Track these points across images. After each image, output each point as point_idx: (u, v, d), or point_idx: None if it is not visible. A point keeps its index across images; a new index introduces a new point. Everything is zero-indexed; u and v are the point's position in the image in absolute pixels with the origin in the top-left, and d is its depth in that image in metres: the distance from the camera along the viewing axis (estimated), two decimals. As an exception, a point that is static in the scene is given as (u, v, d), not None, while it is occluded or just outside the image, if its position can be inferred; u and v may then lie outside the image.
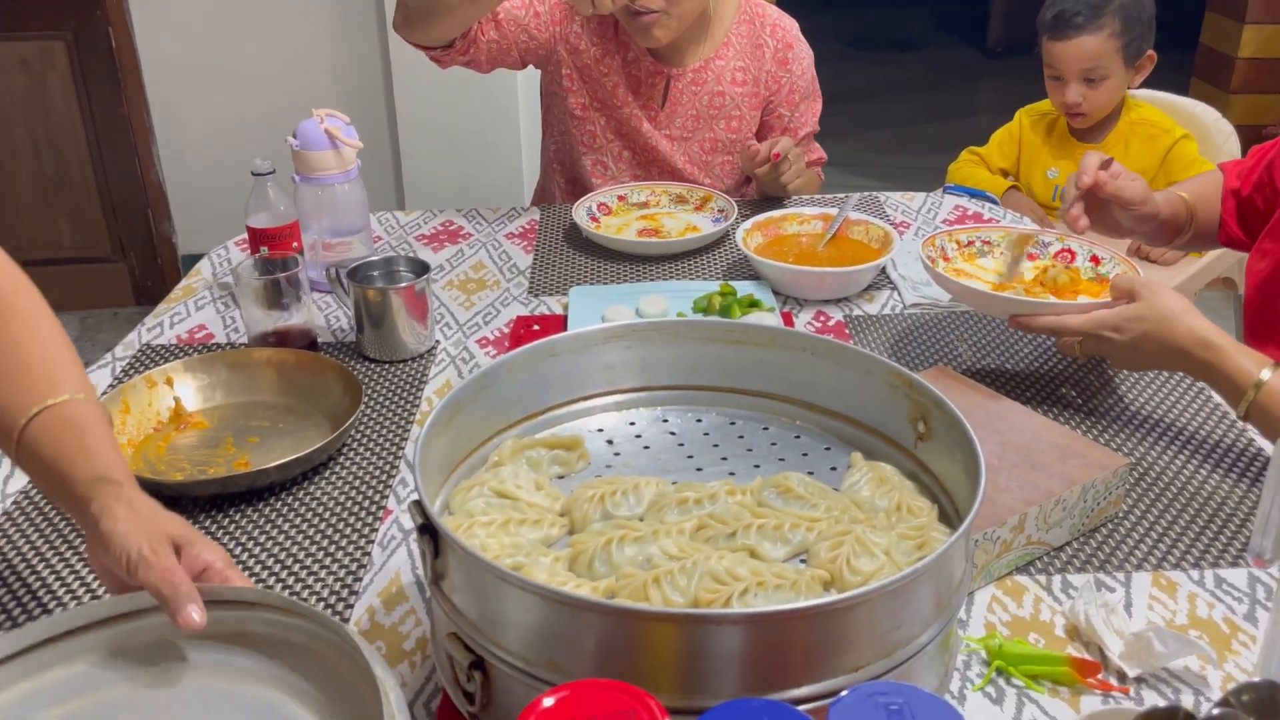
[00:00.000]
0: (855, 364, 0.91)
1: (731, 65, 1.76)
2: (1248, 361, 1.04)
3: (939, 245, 1.30)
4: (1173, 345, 1.06)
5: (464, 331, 1.37)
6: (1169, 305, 1.07)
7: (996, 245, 1.32)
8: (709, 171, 1.81)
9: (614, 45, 1.73)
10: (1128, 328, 1.08)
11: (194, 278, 1.55)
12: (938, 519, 0.82)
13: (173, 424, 1.14)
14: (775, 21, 1.78)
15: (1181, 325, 1.06)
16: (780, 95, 1.79)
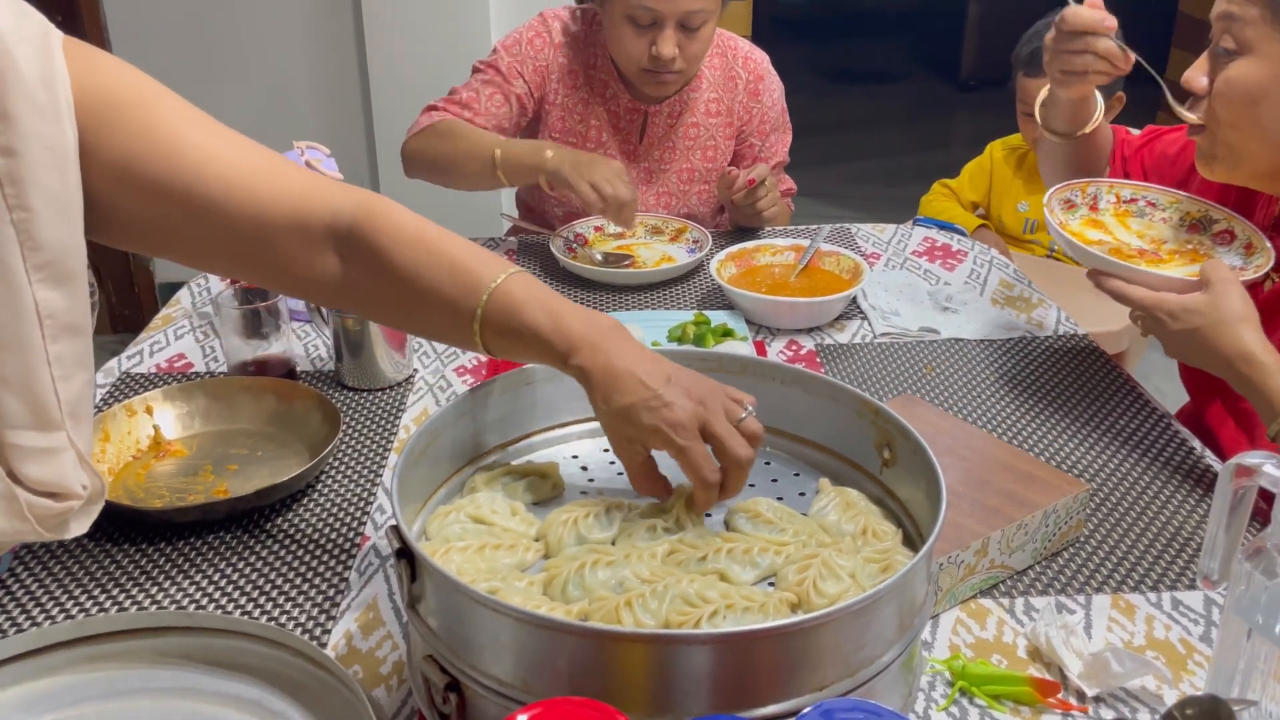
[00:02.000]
0: (823, 392, 0.94)
1: (705, 97, 1.81)
2: None
3: (1091, 193, 1.27)
4: (1218, 350, 1.05)
5: (442, 360, 1.39)
6: (1230, 308, 1.04)
7: (1160, 208, 1.27)
8: (685, 201, 1.85)
9: (589, 92, 1.79)
10: (1183, 318, 1.06)
11: (173, 307, 1.56)
12: (902, 543, 0.84)
13: (152, 452, 1.15)
14: (747, 54, 1.84)
15: (1232, 333, 1.04)
16: (752, 125, 1.84)
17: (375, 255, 0.87)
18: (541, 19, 1.78)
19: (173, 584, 0.96)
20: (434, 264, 0.87)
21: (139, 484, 1.10)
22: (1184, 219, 1.26)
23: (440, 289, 0.87)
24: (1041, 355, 1.40)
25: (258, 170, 0.86)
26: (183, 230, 0.86)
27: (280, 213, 0.86)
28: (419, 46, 2.83)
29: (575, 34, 1.78)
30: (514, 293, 0.86)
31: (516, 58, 1.75)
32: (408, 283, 0.87)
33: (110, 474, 1.11)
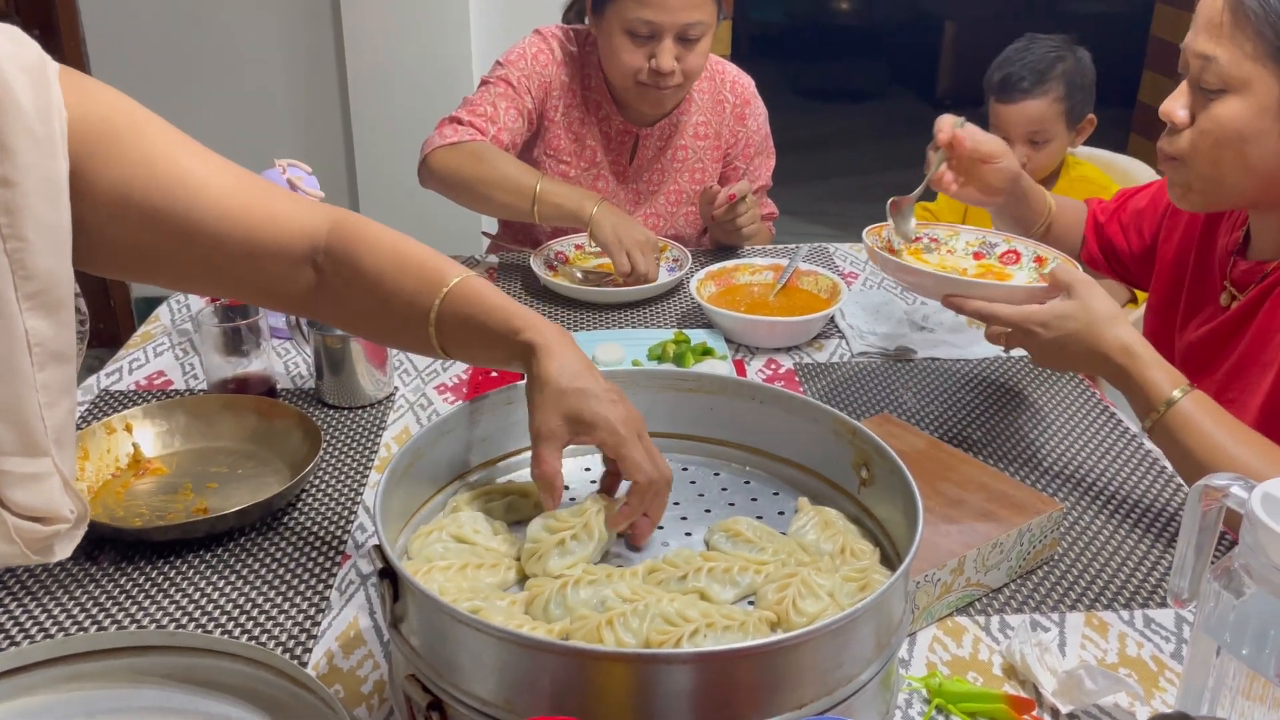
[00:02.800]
0: (802, 412, 0.95)
1: (694, 120, 1.83)
2: (1163, 378, 1.05)
3: (885, 236, 1.31)
4: (1096, 348, 1.07)
5: (422, 378, 1.39)
6: (1100, 308, 1.07)
7: (944, 243, 1.32)
8: (673, 223, 1.87)
9: (584, 111, 1.80)
10: (1056, 325, 1.08)
11: (153, 324, 1.56)
12: (880, 561, 0.85)
13: (131, 470, 1.15)
14: (734, 79, 1.86)
15: (1109, 329, 1.07)
16: (737, 149, 1.86)
17: (348, 265, 0.92)
18: (540, 36, 1.78)
19: (152, 603, 0.96)
20: (399, 268, 0.93)
21: (118, 502, 1.10)
22: (967, 247, 1.31)
23: (402, 289, 0.92)
24: (1016, 375, 1.41)
25: (251, 195, 0.90)
26: (172, 256, 0.88)
27: (268, 235, 0.90)
28: (399, 63, 2.84)
29: (572, 53, 1.79)
30: (471, 287, 0.91)
31: (524, 72, 1.75)
32: (374, 287, 0.92)
33: (89, 492, 1.10)
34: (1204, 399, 1.05)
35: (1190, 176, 1.14)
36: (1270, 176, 1.10)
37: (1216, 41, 1.07)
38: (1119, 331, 1.07)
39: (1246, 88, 1.06)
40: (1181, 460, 1.05)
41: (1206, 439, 1.02)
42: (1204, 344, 1.25)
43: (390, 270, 0.92)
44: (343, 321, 1.02)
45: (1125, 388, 1.08)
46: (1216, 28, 1.07)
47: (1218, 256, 1.26)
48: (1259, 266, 1.18)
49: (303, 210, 0.93)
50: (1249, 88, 1.06)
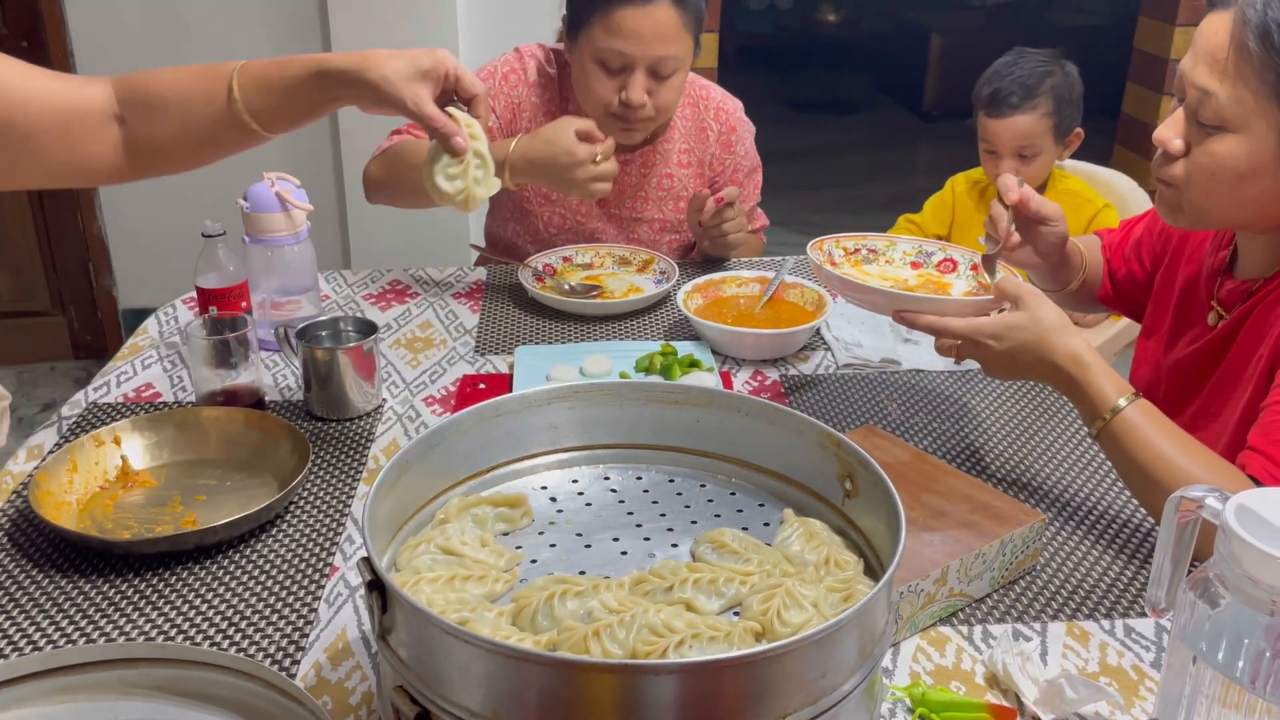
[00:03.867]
0: (787, 424, 0.96)
1: (677, 148, 1.83)
2: (1110, 386, 1.07)
3: (826, 250, 1.33)
4: (1047, 358, 1.09)
5: (411, 390, 1.40)
6: (1049, 318, 1.09)
7: (881, 254, 1.35)
8: (656, 248, 1.87)
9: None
10: (1007, 336, 1.10)
11: (141, 336, 1.56)
12: (863, 572, 0.86)
13: (120, 482, 1.15)
14: (719, 105, 1.84)
15: (1060, 339, 1.08)
16: (725, 175, 1.86)
17: (143, 101, 1.07)
18: (518, 54, 1.78)
19: (141, 615, 0.96)
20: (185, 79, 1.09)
21: (107, 515, 1.10)
22: (904, 257, 1.33)
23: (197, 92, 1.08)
24: (999, 386, 1.43)
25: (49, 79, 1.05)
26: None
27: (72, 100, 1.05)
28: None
29: (550, 75, 1.78)
30: (255, 62, 1.08)
31: (490, 89, 1.75)
32: (174, 107, 1.07)
33: (78, 504, 1.11)
34: (1149, 408, 1.06)
35: (1181, 200, 1.13)
36: (1264, 209, 1.10)
37: (1218, 79, 1.04)
38: (1068, 340, 1.09)
39: (1246, 128, 1.04)
40: (1125, 468, 1.06)
41: (1150, 447, 1.03)
42: (1190, 362, 1.26)
43: (182, 80, 1.08)
44: (164, 160, 1.13)
45: (1073, 396, 1.10)
46: (1219, 64, 1.04)
47: (1204, 276, 1.27)
48: (1245, 285, 1.19)
49: (91, 80, 1.09)
50: (1249, 128, 1.04)
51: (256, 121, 1.05)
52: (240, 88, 1.04)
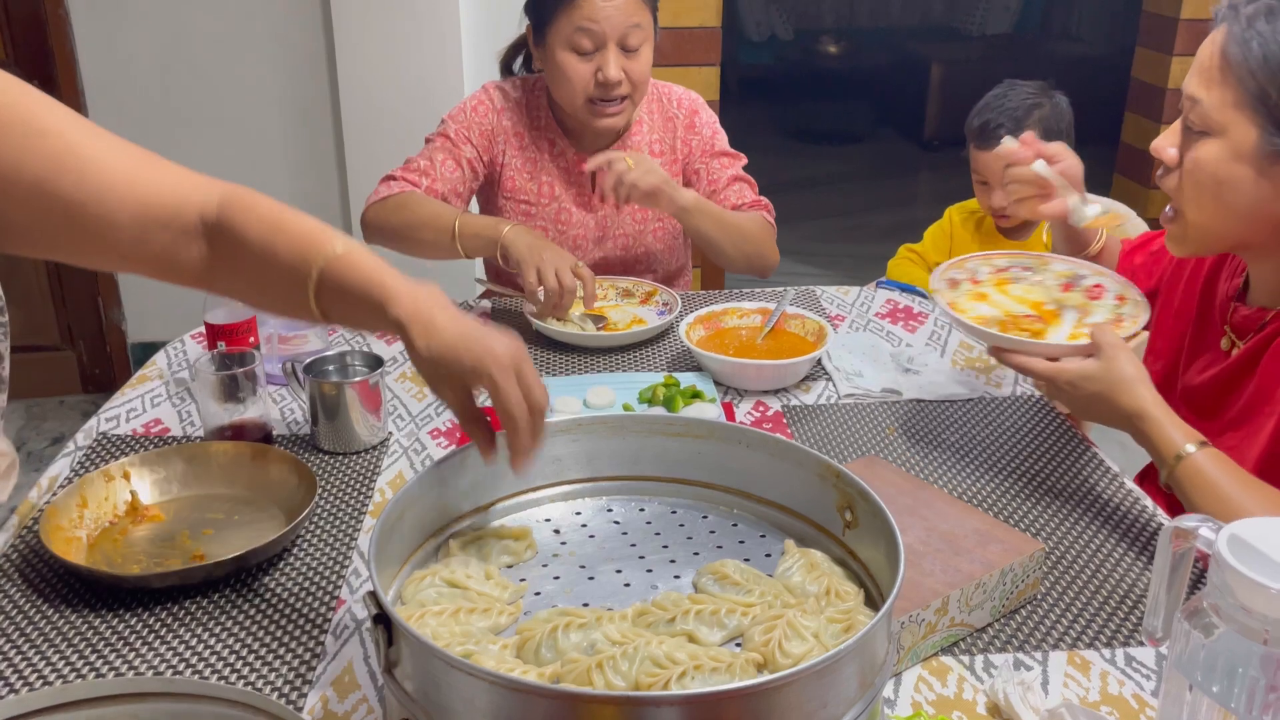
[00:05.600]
0: (787, 456, 0.97)
1: (648, 139, 1.90)
2: (1178, 435, 1.11)
3: (970, 268, 1.36)
4: (1117, 409, 1.14)
5: (416, 423, 1.42)
6: (1122, 371, 1.13)
7: (1033, 273, 1.35)
8: (642, 241, 1.92)
9: (536, 151, 1.87)
10: (1082, 385, 1.15)
11: (150, 368, 1.58)
12: (864, 603, 0.87)
13: (129, 517, 1.16)
14: (680, 96, 1.93)
15: (1127, 393, 1.13)
16: (694, 154, 1.92)
17: (234, 234, 0.96)
18: (484, 89, 1.88)
19: (149, 649, 0.97)
20: (280, 235, 0.96)
21: (116, 550, 1.11)
22: (1057, 279, 1.34)
23: (283, 257, 0.95)
24: (999, 415, 1.44)
25: (138, 168, 0.94)
26: (68, 230, 0.92)
27: (156, 206, 0.94)
28: (393, 110, 2.87)
29: (517, 99, 1.87)
30: (350, 256, 0.93)
31: (463, 124, 1.84)
32: (258, 256, 0.96)
33: (88, 540, 1.12)
34: (1217, 455, 1.10)
35: (1184, 228, 1.18)
36: (1249, 220, 1.14)
37: (1205, 85, 1.12)
38: (1135, 394, 1.13)
39: (1224, 132, 1.10)
40: (1191, 508, 1.10)
41: (1214, 491, 1.08)
42: (1206, 389, 1.28)
43: (271, 239, 0.95)
44: (238, 293, 1.05)
45: (1144, 445, 1.15)
46: (1206, 71, 1.11)
47: (1218, 302, 1.29)
48: (1259, 313, 1.21)
49: (191, 182, 0.97)
50: (1227, 133, 1.10)
51: (324, 315, 0.96)
52: (318, 283, 0.93)
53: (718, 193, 1.88)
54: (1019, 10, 6.98)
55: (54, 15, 2.91)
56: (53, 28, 2.92)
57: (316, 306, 0.94)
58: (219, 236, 0.96)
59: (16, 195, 0.88)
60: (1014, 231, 2.26)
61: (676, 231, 1.95)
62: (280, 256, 0.94)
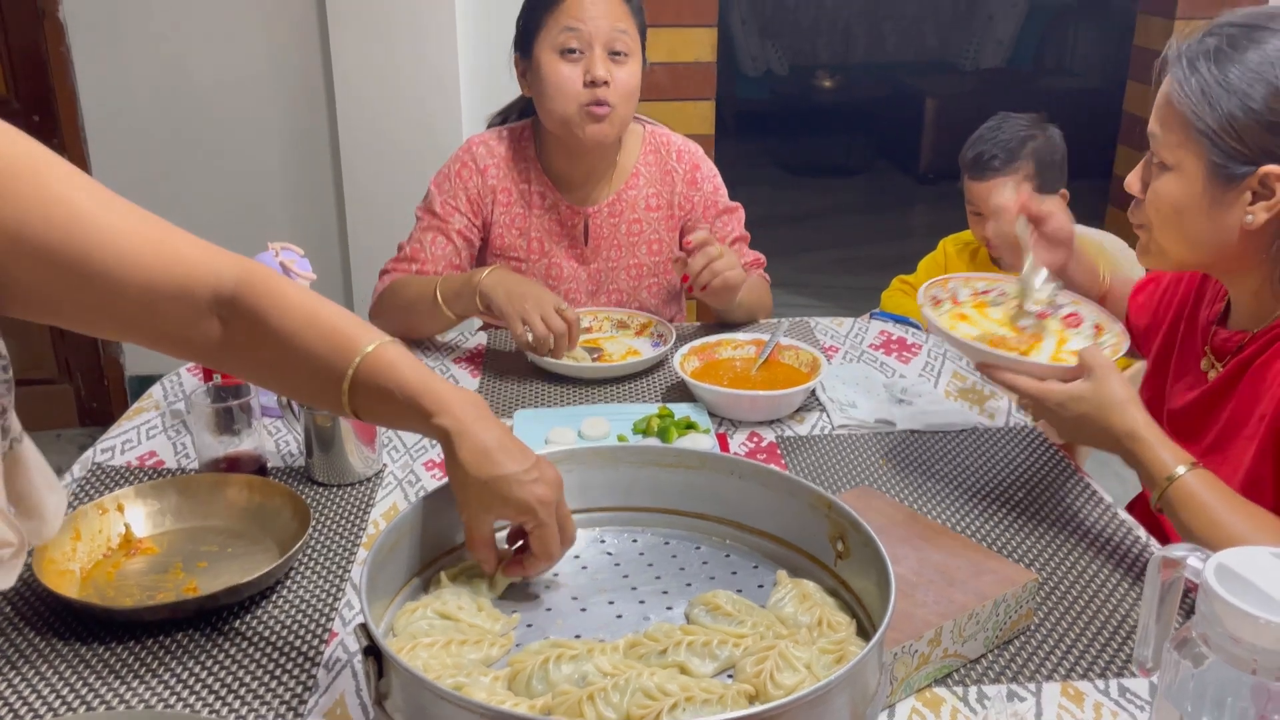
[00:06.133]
0: (779, 486, 0.98)
1: (644, 193, 1.88)
2: (1168, 456, 1.12)
3: (951, 288, 1.38)
4: (1108, 431, 1.15)
5: (411, 455, 1.42)
6: (1112, 393, 1.14)
7: (1014, 297, 1.36)
8: (636, 297, 1.90)
9: (525, 206, 1.85)
10: (1071, 406, 1.16)
11: (146, 400, 1.58)
12: (856, 633, 0.87)
13: (122, 550, 1.16)
14: (680, 148, 1.91)
15: (1117, 414, 1.14)
16: (696, 212, 1.90)
17: (256, 319, 0.94)
18: (466, 147, 1.85)
19: (141, 683, 0.97)
20: (311, 328, 0.94)
21: (109, 582, 1.11)
22: (1033, 305, 1.35)
23: (315, 351, 0.93)
24: (993, 446, 1.44)
25: (148, 239, 0.91)
26: (71, 297, 0.90)
27: (167, 280, 0.91)
28: (393, 145, 2.90)
29: (502, 154, 1.84)
30: (387, 355, 0.93)
31: (448, 194, 1.82)
32: (284, 345, 0.94)
33: (81, 573, 1.12)
34: (1208, 476, 1.11)
35: (1149, 240, 1.24)
36: (1209, 246, 1.18)
37: (1160, 122, 1.18)
38: (1126, 416, 1.13)
39: (1179, 166, 1.16)
40: (1185, 535, 1.10)
41: (1206, 513, 1.08)
42: (1188, 411, 1.30)
43: (302, 331, 0.93)
44: (250, 376, 1.04)
45: (1135, 468, 1.16)
46: (1157, 108, 1.18)
47: (1200, 326, 1.32)
48: (1238, 336, 1.24)
49: (206, 258, 0.94)
50: (1180, 166, 1.16)
51: (354, 412, 0.95)
52: (353, 381, 0.92)
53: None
54: (1012, 45, 7.05)
55: (55, 51, 2.94)
56: (54, 64, 2.95)
57: (349, 404, 0.93)
58: (236, 318, 0.95)
59: (22, 258, 0.86)
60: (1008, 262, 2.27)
61: (673, 289, 1.94)
62: (310, 348, 0.93)
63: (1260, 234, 1.15)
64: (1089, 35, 6.85)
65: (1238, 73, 1.10)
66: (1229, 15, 1.16)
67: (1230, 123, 1.11)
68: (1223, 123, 1.11)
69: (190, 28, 2.96)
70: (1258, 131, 1.10)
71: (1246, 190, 1.13)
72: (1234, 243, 1.17)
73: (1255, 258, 1.18)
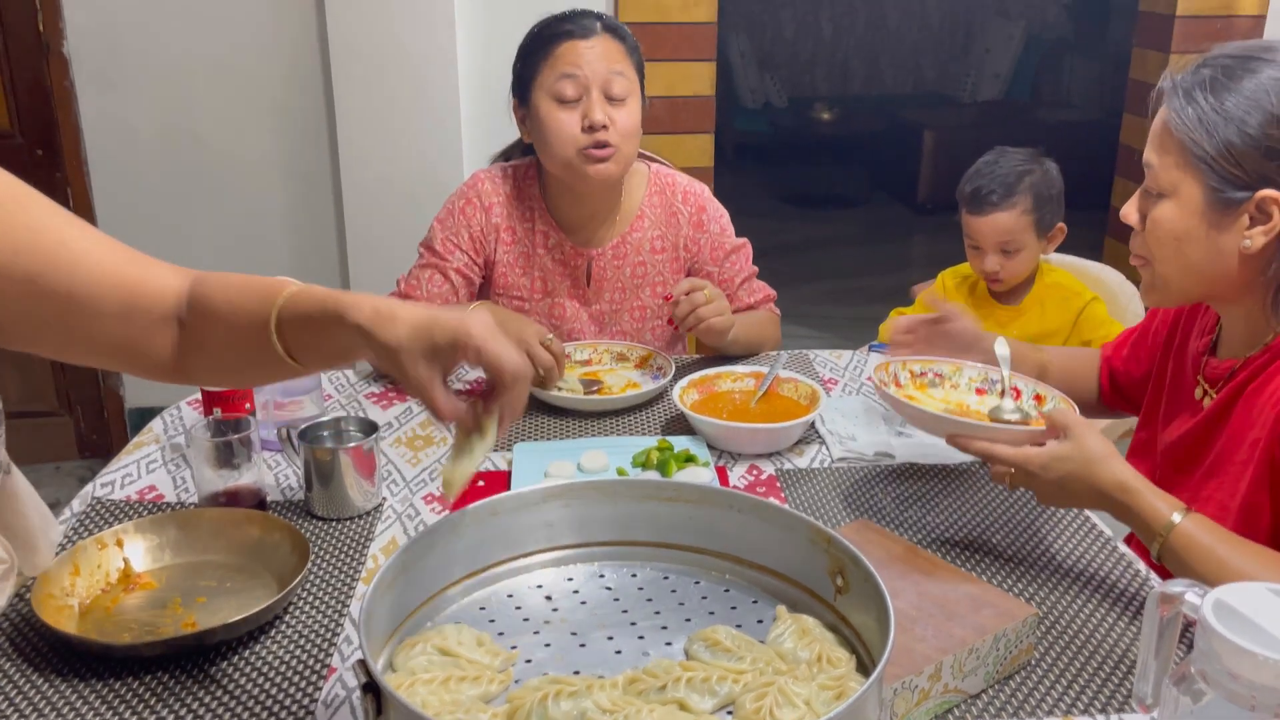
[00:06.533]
0: (778, 520, 0.98)
1: (649, 235, 1.87)
2: (1162, 505, 1.12)
3: (892, 371, 1.42)
4: (1095, 487, 1.14)
5: (410, 488, 1.42)
6: (1095, 448, 1.14)
7: (947, 378, 1.42)
8: (640, 339, 1.90)
9: (529, 245, 1.85)
10: (1054, 466, 1.15)
11: (146, 434, 1.58)
12: (856, 669, 0.87)
13: (121, 585, 1.16)
14: (685, 188, 1.90)
15: (1104, 468, 1.13)
16: (704, 254, 1.90)
17: (203, 304, 1.00)
18: (472, 183, 1.85)
19: (138, 719, 0.97)
20: (242, 292, 0.99)
21: (107, 617, 1.11)
22: (969, 383, 1.42)
23: (246, 308, 0.97)
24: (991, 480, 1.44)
25: (123, 260, 0.99)
26: (54, 321, 0.96)
27: (141, 294, 0.99)
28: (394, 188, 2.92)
29: (507, 192, 1.84)
30: (307, 288, 0.96)
31: (450, 230, 1.82)
32: (225, 316, 0.99)
33: (80, 608, 1.12)
34: (1203, 519, 1.11)
35: (1152, 276, 1.25)
36: (1210, 272, 1.20)
37: (1156, 152, 1.20)
38: (1113, 468, 1.14)
39: (1176, 193, 1.18)
40: (1188, 575, 1.10)
41: (1212, 556, 1.08)
42: (1182, 442, 1.30)
43: (235, 295, 0.99)
44: (209, 369, 1.07)
45: (1128, 521, 1.15)
46: (1154, 137, 1.20)
47: (1190, 359, 1.33)
48: (1228, 364, 1.25)
49: (168, 271, 1.02)
50: (1178, 193, 1.18)
51: (290, 356, 0.95)
52: (279, 321, 0.94)
53: (733, 294, 1.88)
54: (1009, 78, 7.11)
55: (59, 87, 2.96)
56: (58, 100, 2.97)
57: (280, 344, 0.94)
58: (190, 313, 1.00)
59: (10, 290, 0.92)
60: (1006, 295, 2.28)
61: (676, 333, 1.95)
62: (244, 308, 0.97)
63: (1257, 258, 1.17)
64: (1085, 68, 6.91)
65: (1234, 101, 1.13)
66: (1222, 48, 1.18)
67: (1228, 149, 1.13)
68: (1220, 149, 1.13)
69: (193, 65, 2.99)
70: (1255, 157, 1.12)
71: (1244, 215, 1.15)
72: (1233, 268, 1.18)
73: (1252, 282, 1.19)
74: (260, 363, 0.99)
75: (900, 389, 1.40)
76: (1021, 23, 7.05)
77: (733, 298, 1.87)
